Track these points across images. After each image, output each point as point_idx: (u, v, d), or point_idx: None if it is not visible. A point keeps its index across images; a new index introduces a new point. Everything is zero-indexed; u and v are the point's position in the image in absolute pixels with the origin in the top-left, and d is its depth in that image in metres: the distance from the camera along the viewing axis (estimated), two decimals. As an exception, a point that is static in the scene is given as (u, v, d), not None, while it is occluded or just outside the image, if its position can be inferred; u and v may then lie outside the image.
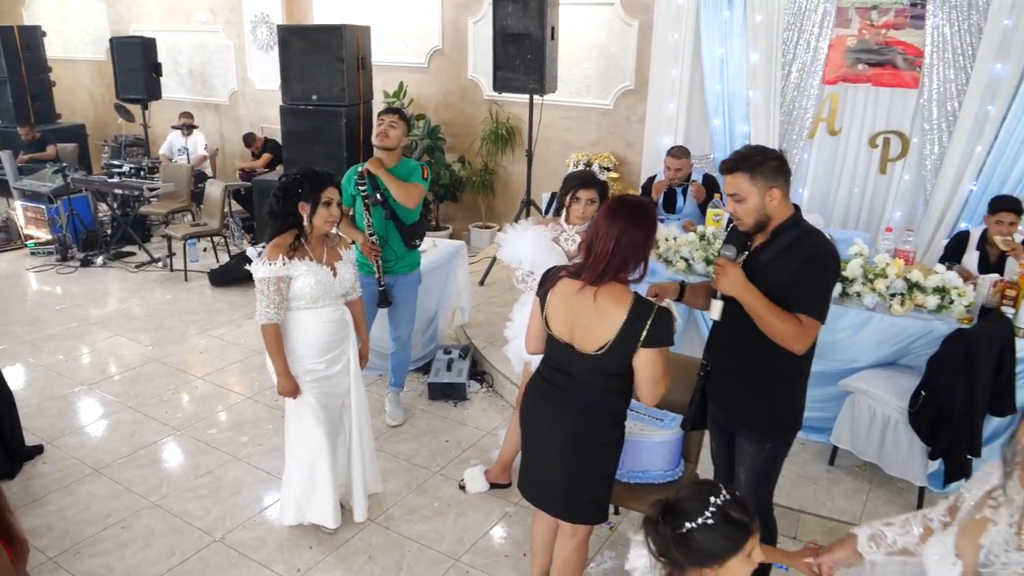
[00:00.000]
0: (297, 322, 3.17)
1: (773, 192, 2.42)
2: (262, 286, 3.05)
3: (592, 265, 2.36)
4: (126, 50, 8.66)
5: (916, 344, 3.84)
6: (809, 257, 2.41)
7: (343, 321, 3.32)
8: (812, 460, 4.01)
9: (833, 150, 6.02)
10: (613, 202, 2.44)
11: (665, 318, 2.34)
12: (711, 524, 1.68)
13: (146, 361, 5.32)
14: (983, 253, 4.50)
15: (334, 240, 3.31)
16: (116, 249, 7.82)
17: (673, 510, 1.73)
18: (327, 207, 3.10)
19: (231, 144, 9.99)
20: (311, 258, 3.13)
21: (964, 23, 5.25)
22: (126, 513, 3.61)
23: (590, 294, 2.37)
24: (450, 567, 3.30)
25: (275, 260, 3.03)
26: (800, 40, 5.85)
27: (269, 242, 3.12)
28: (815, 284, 2.42)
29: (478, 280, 6.53)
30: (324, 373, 3.26)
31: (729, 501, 1.72)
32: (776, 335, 2.40)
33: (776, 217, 2.47)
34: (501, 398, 4.83)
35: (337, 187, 3.17)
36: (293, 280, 3.09)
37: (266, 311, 3.06)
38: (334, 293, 3.22)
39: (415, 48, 8.22)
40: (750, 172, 2.41)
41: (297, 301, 3.13)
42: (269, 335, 3.10)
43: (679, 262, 4.46)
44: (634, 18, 6.91)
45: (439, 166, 7.87)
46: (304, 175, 3.10)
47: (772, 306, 2.39)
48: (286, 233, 3.10)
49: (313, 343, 3.20)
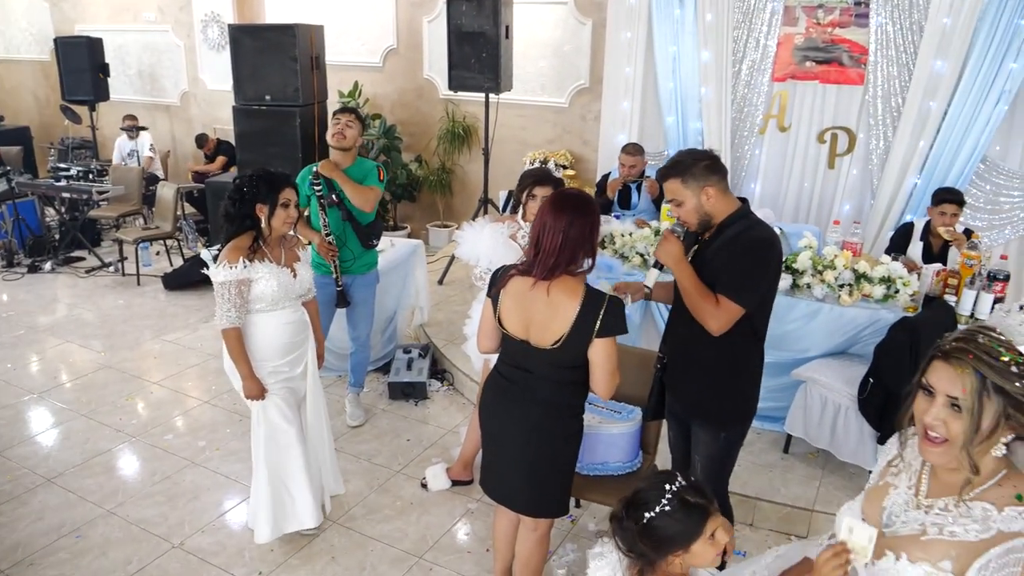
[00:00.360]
0: (257, 324, 3.13)
1: (707, 191, 2.51)
2: (222, 290, 2.99)
3: (542, 260, 2.39)
4: (71, 50, 8.46)
5: (864, 333, 3.96)
6: (743, 245, 2.50)
7: (303, 322, 3.30)
8: (767, 449, 4.10)
9: (783, 146, 6.15)
10: (555, 197, 2.48)
11: (617, 307, 2.39)
12: (668, 510, 1.73)
13: (99, 368, 5.21)
14: (927, 243, 4.65)
15: (291, 241, 3.28)
16: (65, 254, 7.64)
17: (634, 503, 1.78)
18: (285, 208, 3.07)
19: (183, 146, 9.82)
20: (270, 260, 3.10)
21: (906, 21, 5.42)
22: (81, 522, 3.54)
23: (543, 289, 2.40)
24: (413, 565, 3.31)
25: (235, 263, 2.98)
26: (749, 38, 5.97)
27: (225, 245, 3.07)
28: (740, 269, 2.49)
29: (437, 279, 6.54)
30: (288, 374, 3.23)
31: (685, 487, 1.77)
32: (694, 310, 2.52)
33: (718, 213, 2.55)
34: (462, 396, 4.84)
35: (294, 188, 3.14)
36: (254, 283, 3.05)
37: (227, 315, 3.01)
38: (294, 294, 3.20)
39: (370, 47, 8.18)
40: (681, 176, 2.52)
41: (257, 303, 3.09)
42: (231, 339, 3.05)
43: (635, 257, 4.52)
44: (587, 17, 6.97)
45: (396, 166, 7.85)
46: (260, 177, 3.05)
47: (698, 283, 2.51)
48: (243, 235, 3.06)
49: (274, 344, 3.17)
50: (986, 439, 1.45)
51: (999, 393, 1.43)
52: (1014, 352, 1.45)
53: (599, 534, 1.88)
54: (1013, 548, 1.40)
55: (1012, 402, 1.44)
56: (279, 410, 3.21)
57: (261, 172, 3.09)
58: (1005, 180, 5.41)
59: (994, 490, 1.47)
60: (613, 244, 4.63)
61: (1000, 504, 1.45)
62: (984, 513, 1.46)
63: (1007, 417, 1.44)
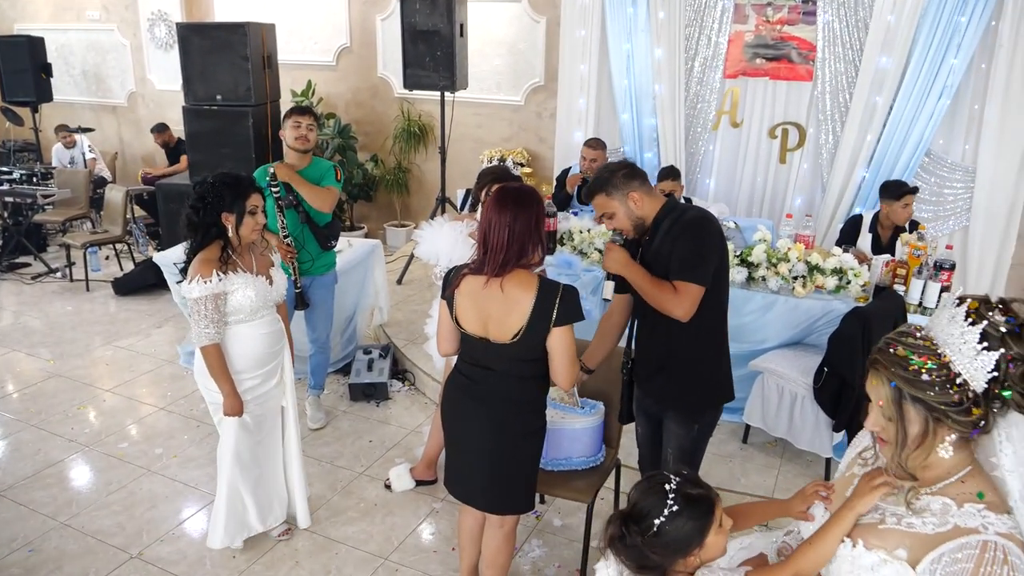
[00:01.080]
0: (236, 337, 3.01)
1: (632, 196, 2.59)
2: (198, 306, 2.85)
3: (492, 257, 2.40)
4: (11, 50, 8.17)
5: (818, 323, 4.05)
6: (680, 228, 2.56)
7: (280, 331, 3.20)
8: (727, 439, 4.17)
9: (736, 142, 6.26)
10: (497, 193, 2.48)
11: (572, 295, 2.41)
12: (676, 511, 1.65)
13: (48, 376, 5.07)
14: (875, 235, 4.77)
15: (261, 246, 3.15)
16: (9, 260, 7.39)
17: (634, 516, 1.69)
18: (253, 216, 2.94)
19: (131, 148, 9.59)
20: (243, 269, 2.98)
21: (852, 19, 5.56)
22: (33, 536, 3.44)
23: (496, 285, 2.40)
24: (379, 566, 3.29)
25: (208, 277, 2.85)
26: (701, 36, 6.05)
27: (191, 257, 2.94)
28: (686, 249, 2.53)
29: (396, 279, 6.50)
30: (260, 389, 3.13)
31: (682, 482, 1.69)
32: (658, 304, 2.54)
33: (649, 213, 2.63)
34: (424, 395, 4.83)
35: (261, 192, 3.03)
36: (230, 295, 2.93)
37: (205, 332, 2.89)
38: (272, 302, 3.10)
39: (323, 46, 8.09)
40: (604, 190, 2.61)
41: (235, 315, 2.98)
42: (212, 356, 2.93)
43: (593, 253, 4.55)
44: (541, 15, 6.99)
45: (351, 165, 7.77)
46: (224, 183, 2.90)
47: (652, 279, 2.56)
48: (211, 246, 2.91)
49: (251, 356, 3.06)
50: (921, 444, 1.45)
51: (917, 401, 1.42)
52: (927, 357, 1.43)
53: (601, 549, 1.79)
54: (967, 544, 1.39)
55: (931, 409, 1.42)
56: (243, 424, 3.12)
57: (224, 178, 2.93)
58: (948, 172, 5.58)
59: (956, 486, 1.47)
60: (572, 240, 4.65)
61: (960, 500, 1.44)
62: (944, 507, 1.45)
63: (937, 420, 1.43)
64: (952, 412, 1.41)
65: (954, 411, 1.41)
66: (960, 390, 1.40)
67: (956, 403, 1.40)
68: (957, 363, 1.41)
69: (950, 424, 1.42)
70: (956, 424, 1.42)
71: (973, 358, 1.40)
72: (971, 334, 1.40)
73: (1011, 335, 1.39)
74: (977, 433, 1.44)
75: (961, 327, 1.42)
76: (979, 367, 1.39)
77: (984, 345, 1.39)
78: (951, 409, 1.41)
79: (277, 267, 3.20)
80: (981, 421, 1.42)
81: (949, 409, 1.41)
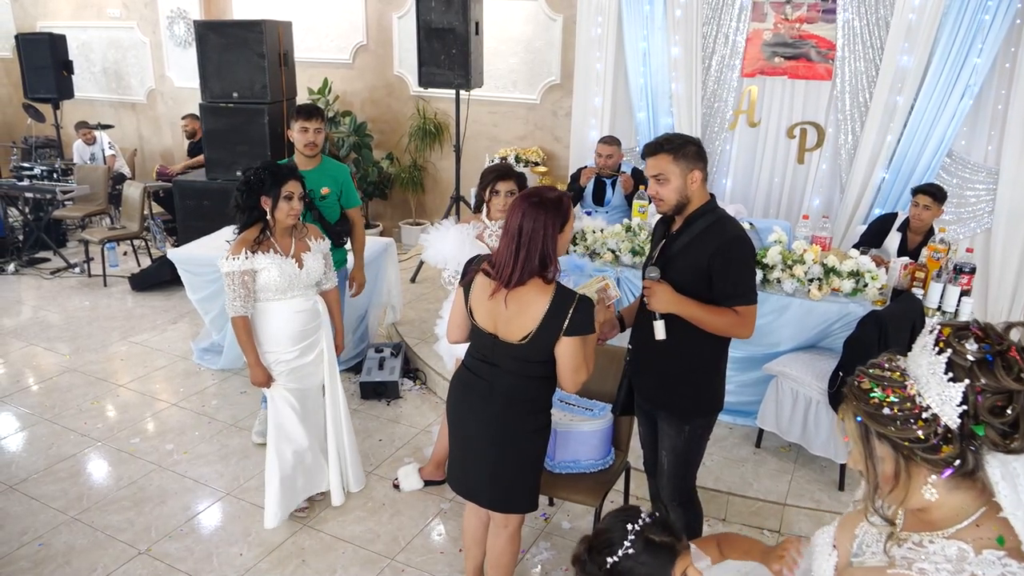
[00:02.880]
0: (267, 312, 3.26)
1: (694, 175, 2.51)
2: (228, 280, 3.15)
3: (501, 272, 2.37)
4: (33, 47, 8.27)
5: (834, 327, 3.98)
6: (726, 246, 2.49)
7: (315, 311, 3.39)
8: (739, 443, 4.12)
9: (753, 141, 6.18)
10: (516, 198, 2.44)
11: (586, 307, 2.37)
12: (632, 553, 1.62)
13: (64, 371, 5.11)
14: (904, 237, 4.69)
15: (302, 231, 3.36)
16: (29, 255, 7.48)
17: (597, 545, 1.67)
18: (288, 201, 3.17)
19: (150, 144, 9.67)
20: (276, 251, 3.21)
21: (873, 16, 5.46)
22: (43, 530, 3.46)
23: (504, 295, 2.38)
24: (385, 567, 3.28)
25: (238, 255, 3.13)
26: (719, 34, 5.98)
27: (238, 235, 3.22)
28: (739, 273, 2.52)
29: (409, 277, 6.49)
30: (295, 363, 3.33)
31: (649, 524, 1.66)
32: (720, 331, 2.54)
33: (694, 201, 2.55)
34: (434, 395, 4.81)
35: (299, 180, 3.22)
36: (258, 273, 3.18)
37: (233, 304, 3.17)
38: (302, 284, 3.30)
39: (339, 44, 8.10)
40: (673, 153, 2.50)
41: (265, 292, 3.22)
42: (238, 327, 3.20)
43: (606, 254, 4.51)
44: (558, 13, 6.95)
45: (367, 163, 7.78)
46: (266, 169, 3.17)
47: (708, 310, 2.50)
48: (252, 227, 3.20)
49: (283, 332, 3.28)
50: (895, 484, 1.32)
51: (882, 437, 1.30)
52: (891, 390, 1.30)
53: None
54: None
55: (896, 446, 1.29)
56: (285, 400, 3.34)
57: (267, 165, 3.23)
58: (970, 174, 5.47)
59: (971, 530, 1.30)
60: (584, 241, 4.62)
61: (979, 546, 1.28)
62: (960, 554, 1.29)
63: (907, 458, 1.29)
64: (918, 450, 1.27)
65: (920, 448, 1.27)
66: (926, 426, 1.26)
67: (921, 440, 1.26)
68: (927, 396, 1.27)
69: (919, 462, 1.29)
70: (925, 463, 1.28)
71: (941, 390, 1.26)
72: (938, 364, 1.26)
73: (980, 365, 1.24)
74: (951, 473, 1.28)
75: (930, 356, 1.28)
76: (947, 399, 1.25)
77: (950, 376, 1.25)
78: (916, 446, 1.27)
79: (315, 252, 3.36)
80: (955, 460, 1.27)
81: (915, 446, 1.27)
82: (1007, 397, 1.22)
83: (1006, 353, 1.24)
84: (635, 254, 4.42)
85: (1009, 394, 1.22)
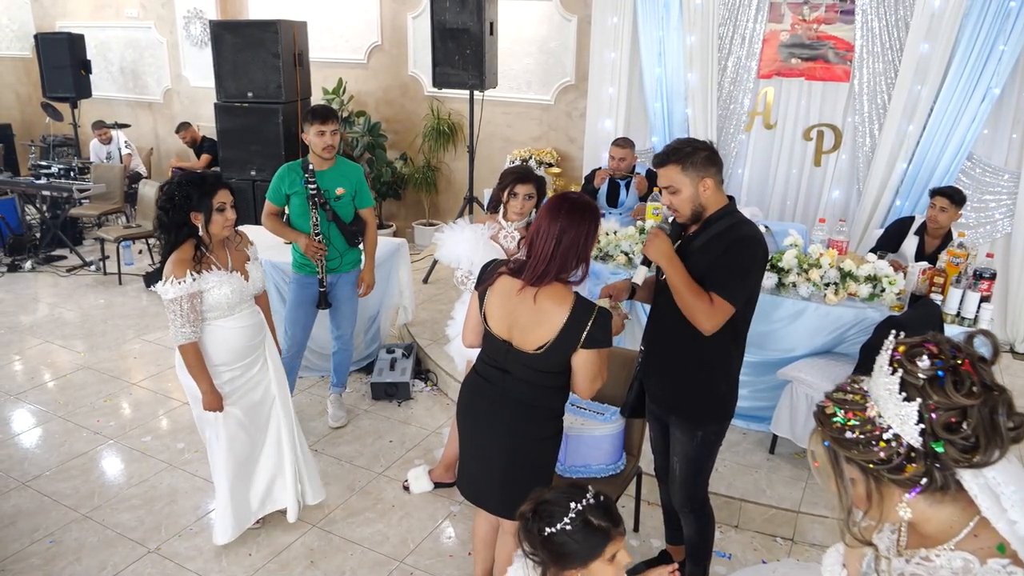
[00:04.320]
0: (213, 333, 3.05)
1: (705, 182, 2.46)
2: (173, 307, 2.89)
3: (532, 265, 2.33)
4: (52, 47, 8.34)
5: (850, 332, 3.93)
6: (732, 242, 2.46)
7: (260, 323, 3.24)
8: (752, 449, 4.07)
9: (769, 143, 6.13)
10: (554, 200, 2.40)
11: (604, 320, 2.33)
12: (569, 529, 1.71)
13: (78, 368, 5.14)
14: (921, 241, 4.63)
15: (236, 241, 3.16)
16: (46, 253, 7.54)
17: (539, 511, 1.76)
18: (221, 213, 2.94)
19: (166, 143, 9.72)
20: (217, 266, 3.00)
21: (892, 17, 5.39)
22: (55, 527, 3.47)
23: (530, 294, 2.34)
24: (394, 569, 3.26)
25: (182, 278, 2.88)
26: (735, 34, 5.94)
27: (165, 258, 2.95)
28: (731, 266, 2.46)
29: (421, 278, 6.48)
30: (240, 380, 3.17)
31: (592, 506, 1.74)
32: (687, 309, 2.46)
33: (710, 207, 2.51)
34: (446, 396, 4.79)
35: (228, 188, 3.00)
36: (205, 293, 2.96)
37: (182, 331, 2.92)
38: (249, 296, 3.14)
39: (353, 44, 8.11)
40: (681, 163, 2.46)
41: (212, 312, 3.01)
42: (189, 355, 2.97)
43: (619, 256, 4.48)
44: (572, 13, 6.92)
45: (380, 163, 7.79)
46: (190, 182, 2.91)
47: (690, 281, 2.45)
48: (184, 245, 2.93)
49: (232, 350, 3.10)
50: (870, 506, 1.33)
51: (850, 460, 1.31)
52: (852, 412, 1.30)
53: None
54: None
55: (863, 468, 1.29)
56: (237, 420, 3.18)
57: (189, 177, 2.95)
58: (991, 177, 5.40)
59: (971, 540, 1.32)
60: (598, 243, 4.59)
61: (983, 556, 1.30)
62: (965, 565, 1.30)
63: (876, 479, 1.30)
64: (884, 470, 1.27)
65: (885, 469, 1.27)
66: (888, 447, 1.26)
67: (885, 460, 1.26)
68: (886, 416, 1.28)
69: (887, 482, 1.29)
70: (892, 483, 1.29)
71: (897, 410, 1.26)
72: (893, 384, 1.27)
73: (931, 382, 1.24)
74: (919, 492, 1.29)
75: (886, 376, 1.28)
76: (904, 419, 1.25)
77: (904, 395, 1.25)
78: (882, 467, 1.27)
79: (253, 260, 3.20)
80: (922, 478, 1.27)
81: (880, 467, 1.27)
82: (960, 413, 1.23)
83: (959, 368, 1.24)
84: (649, 256, 4.38)
85: (963, 409, 1.22)
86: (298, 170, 3.97)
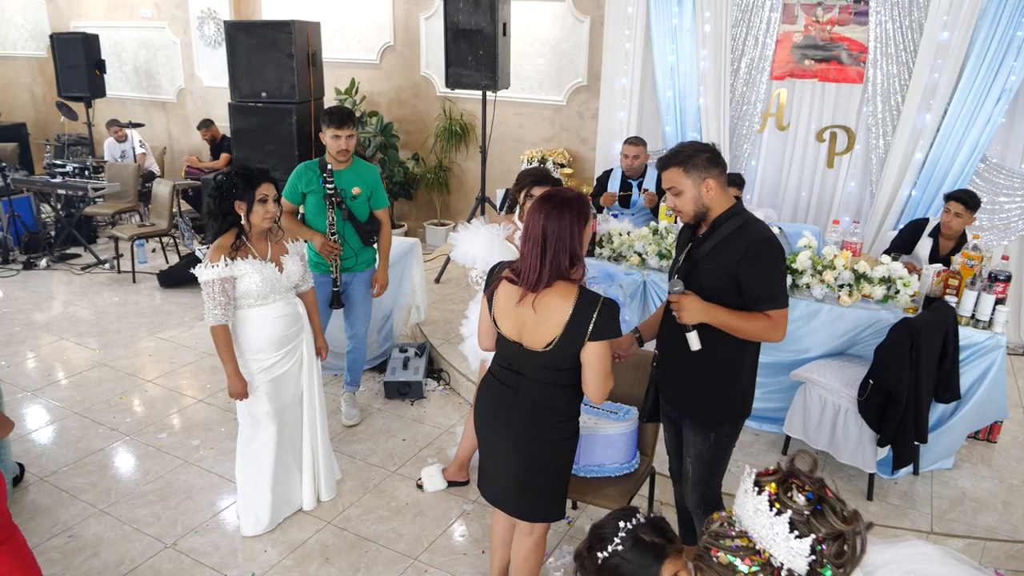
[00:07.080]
0: (248, 320, 3.19)
1: (708, 183, 2.49)
2: (207, 289, 3.05)
3: (526, 276, 2.33)
4: (67, 47, 8.40)
5: (864, 334, 3.93)
6: (755, 249, 2.45)
7: (296, 314, 3.34)
8: (765, 450, 4.07)
9: (782, 145, 6.12)
10: (535, 202, 2.38)
11: (611, 310, 2.34)
12: (620, 550, 1.67)
13: (93, 365, 5.18)
14: (936, 243, 4.62)
15: (278, 235, 3.29)
16: (60, 251, 7.61)
17: (594, 540, 1.72)
18: (263, 204, 3.09)
19: (179, 143, 9.78)
20: (254, 256, 3.14)
21: (906, 20, 5.38)
22: (73, 522, 3.51)
23: (531, 300, 2.34)
24: (408, 567, 3.28)
25: (217, 262, 3.04)
26: (748, 36, 5.93)
27: (212, 243, 3.12)
28: (769, 276, 2.48)
29: (434, 278, 6.51)
30: (278, 371, 3.27)
31: (643, 524, 1.70)
32: (752, 336, 2.51)
33: (715, 208, 2.53)
34: (458, 395, 4.81)
35: (273, 183, 3.14)
36: (238, 280, 3.10)
37: (213, 313, 3.06)
38: (282, 288, 3.23)
39: (366, 44, 8.14)
40: (683, 166, 2.50)
41: (246, 299, 3.14)
42: (218, 336, 3.11)
43: (633, 256, 4.49)
44: (585, 14, 6.93)
45: (393, 163, 7.81)
46: (238, 173, 3.08)
47: (739, 316, 2.47)
48: (227, 233, 3.11)
49: (266, 339, 3.22)
50: None
51: None
52: (749, 559, 1.40)
53: None
54: None
55: None
56: (265, 411, 3.28)
57: (239, 168, 3.11)
58: (1005, 180, 5.38)
59: None
60: (611, 244, 4.59)
61: None
62: None
63: None
64: None
65: None
66: None
67: None
68: (777, 555, 1.39)
69: None
70: None
71: (789, 547, 1.37)
72: (780, 524, 1.38)
73: (814, 515, 1.37)
74: None
75: (768, 518, 1.39)
76: (796, 554, 1.37)
77: (796, 534, 1.37)
78: None
79: (292, 254, 3.29)
80: None
81: None
82: (841, 537, 1.38)
83: (826, 496, 1.39)
84: (662, 257, 4.39)
85: (842, 534, 1.38)
86: (315, 169, 4.00)
